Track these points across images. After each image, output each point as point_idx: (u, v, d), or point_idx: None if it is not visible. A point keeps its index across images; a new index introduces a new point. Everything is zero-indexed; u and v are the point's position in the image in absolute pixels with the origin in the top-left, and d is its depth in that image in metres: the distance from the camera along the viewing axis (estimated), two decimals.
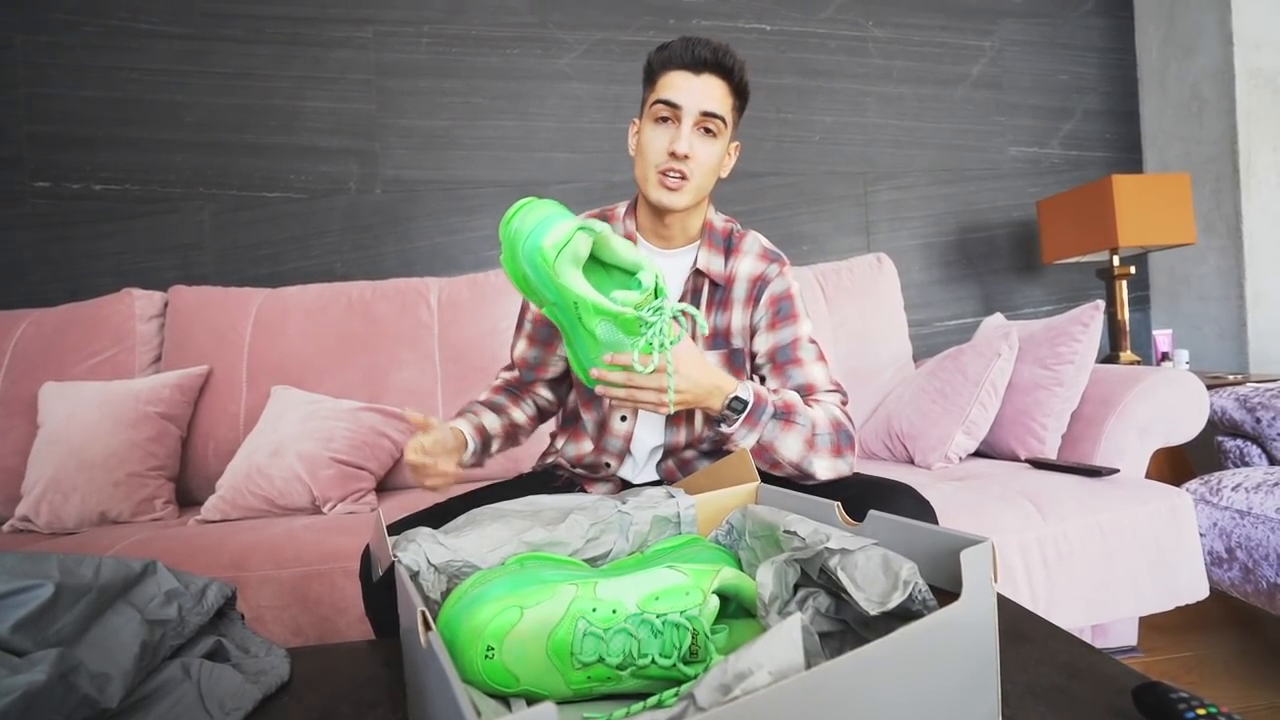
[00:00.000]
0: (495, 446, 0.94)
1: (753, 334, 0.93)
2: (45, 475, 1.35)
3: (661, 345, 0.65)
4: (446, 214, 2.01)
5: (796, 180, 2.16)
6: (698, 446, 0.94)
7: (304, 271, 1.94)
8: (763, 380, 0.93)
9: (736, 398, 0.79)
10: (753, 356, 0.93)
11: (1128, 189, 1.80)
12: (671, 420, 0.92)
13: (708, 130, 0.83)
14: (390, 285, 1.72)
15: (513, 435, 0.98)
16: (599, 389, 0.72)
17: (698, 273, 0.91)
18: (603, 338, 0.66)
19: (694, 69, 0.82)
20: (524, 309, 1.00)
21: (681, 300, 0.90)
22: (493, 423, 0.94)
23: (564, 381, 1.02)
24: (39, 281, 1.85)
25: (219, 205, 1.92)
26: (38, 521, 1.34)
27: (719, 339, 0.92)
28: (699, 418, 0.92)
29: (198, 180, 1.91)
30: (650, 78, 0.86)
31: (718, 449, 0.95)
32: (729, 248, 0.93)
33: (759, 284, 0.92)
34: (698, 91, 0.82)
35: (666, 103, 0.82)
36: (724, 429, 0.81)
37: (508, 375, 1.02)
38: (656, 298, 0.65)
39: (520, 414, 0.99)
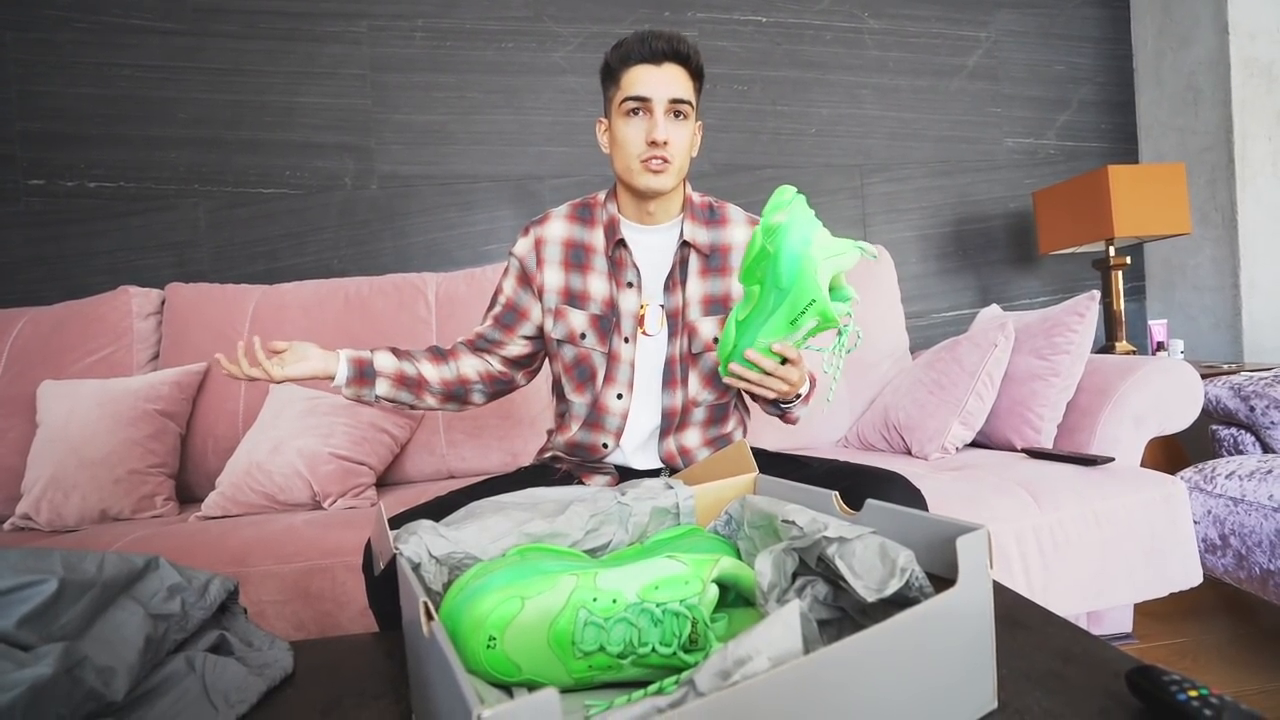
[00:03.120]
0: (383, 388, 0.93)
1: None
2: (45, 473, 1.35)
3: (848, 349, 0.78)
4: (443, 209, 2.00)
5: (793, 173, 2.16)
6: (693, 413, 0.97)
7: (300, 268, 1.94)
8: None
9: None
10: None
11: (1123, 179, 1.81)
12: (668, 384, 0.95)
13: (678, 114, 0.89)
14: (387, 281, 1.72)
15: (412, 385, 0.96)
16: (733, 368, 0.78)
17: (684, 244, 0.95)
18: (801, 331, 0.75)
19: (654, 61, 0.87)
20: (498, 292, 1.03)
21: (670, 272, 0.95)
22: (386, 363, 0.94)
23: (529, 364, 1.05)
24: (34, 280, 1.84)
25: (214, 202, 1.91)
26: (38, 519, 1.34)
27: (716, 304, 0.96)
28: (694, 382, 0.96)
29: (192, 177, 1.90)
30: (613, 76, 0.90)
31: (712, 417, 0.99)
32: (712, 219, 0.98)
33: None
34: (663, 81, 0.87)
35: (637, 98, 0.87)
36: (793, 411, 0.93)
37: (466, 336, 1.04)
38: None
39: (438, 370, 0.99)
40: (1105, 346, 1.97)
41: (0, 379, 1.54)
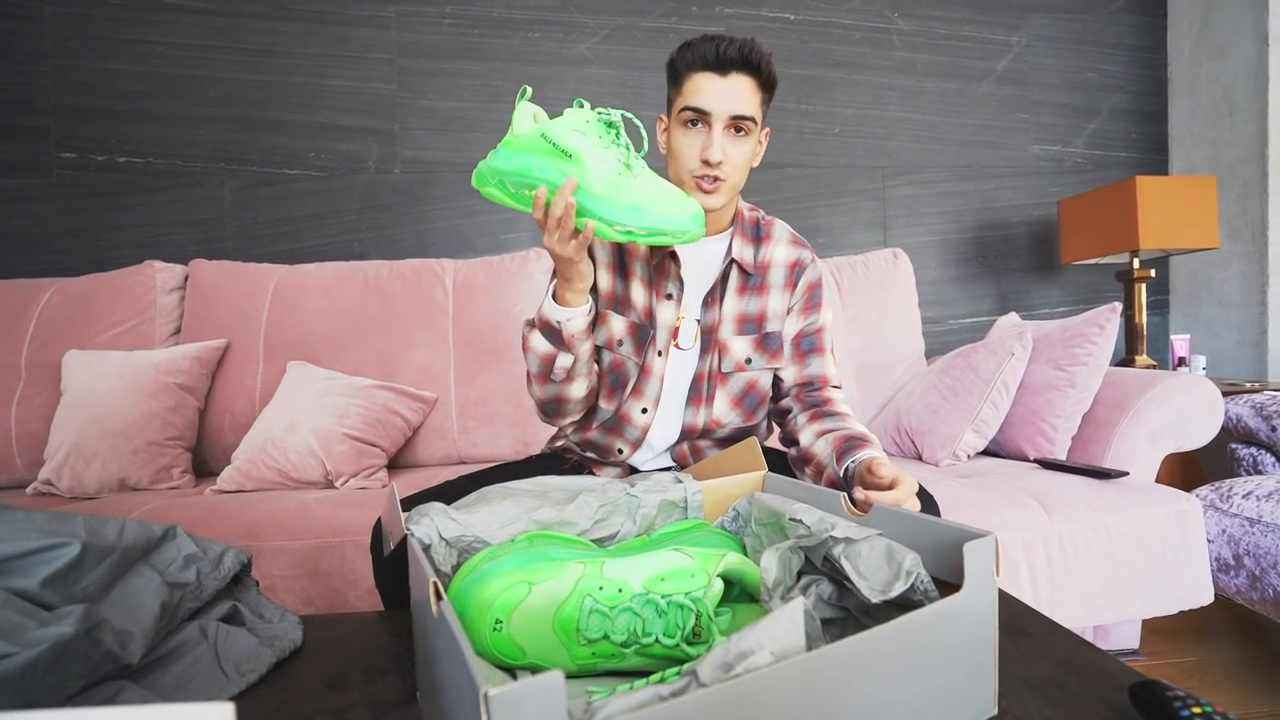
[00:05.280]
0: (586, 341, 0.86)
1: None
2: (68, 441, 1.38)
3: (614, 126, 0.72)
4: (463, 196, 2.01)
5: (815, 172, 2.15)
6: (715, 433, 0.94)
7: (321, 249, 1.96)
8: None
9: None
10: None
11: (1151, 190, 1.78)
12: (692, 400, 0.92)
13: (738, 129, 0.82)
14: (406, 265, 1.73)
15: (593, 354, 0.90)
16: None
17: (731, 261, 0.91)
18: (588, 154, 0.69)
19: (720, 70, 0.80)
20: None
21: (712, 288, 0.91)
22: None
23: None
24: (63, 251, 1.88)
25: (239, 181, 1.94)
26: (60, 485, 1.37)
27: (750, 324, 0.92)
28: (721, 401, 0.92)
29: (219, 155, 1.93)
30: (675, 79, 0.84)
31: (734, 437, 0.96)
32: (758, 236, 0.94)
33: (797, 269, 0.94)
34: (726, 94, 0.80)
35: (695, 109, 0.81)
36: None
37: None
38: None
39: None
40: (1125, 360, 1.94)
41: (27, 347, 1.58)
